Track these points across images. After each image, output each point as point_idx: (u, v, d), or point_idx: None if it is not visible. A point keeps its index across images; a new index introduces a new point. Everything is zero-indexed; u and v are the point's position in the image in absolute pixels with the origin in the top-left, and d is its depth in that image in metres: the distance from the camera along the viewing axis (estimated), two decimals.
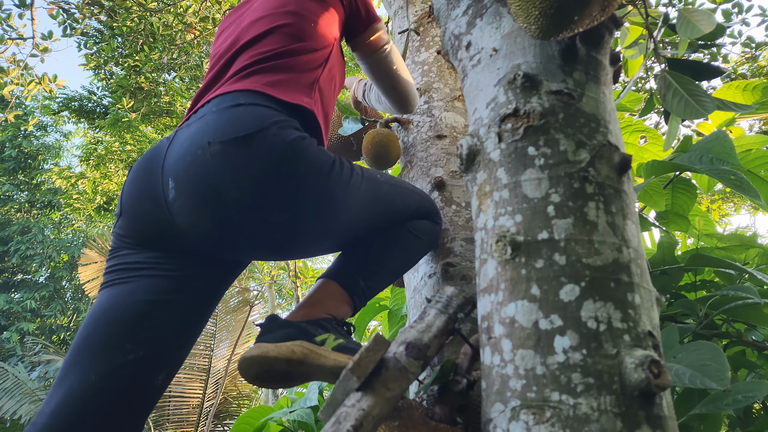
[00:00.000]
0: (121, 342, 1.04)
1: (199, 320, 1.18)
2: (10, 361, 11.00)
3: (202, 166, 1.05)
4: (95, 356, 1.03)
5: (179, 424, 7.47)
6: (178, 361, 1.14)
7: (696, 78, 1.23)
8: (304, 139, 1.12)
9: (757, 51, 6.77)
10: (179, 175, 1.06)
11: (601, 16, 0.82)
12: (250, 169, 1.05)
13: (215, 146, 1.05)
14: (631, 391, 0.71)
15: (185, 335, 1.14)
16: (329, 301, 1.22)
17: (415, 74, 1.88)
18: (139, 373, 1.05)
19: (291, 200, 1.10)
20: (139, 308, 1.07)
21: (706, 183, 1.77)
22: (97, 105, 10.37)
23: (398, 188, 1.31)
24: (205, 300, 1.19)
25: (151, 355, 1.06)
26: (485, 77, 0.96)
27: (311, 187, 1.11)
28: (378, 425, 0.81)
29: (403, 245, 1.30)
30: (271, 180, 1.07)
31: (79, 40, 7.30)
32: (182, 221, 1.08)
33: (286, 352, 1.05)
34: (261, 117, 1.10)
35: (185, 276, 1.14)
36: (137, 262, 1.12)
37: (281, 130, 1.09)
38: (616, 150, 0.86)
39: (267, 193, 1.07)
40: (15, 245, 13.64)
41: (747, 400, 1.04)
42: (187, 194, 1.06)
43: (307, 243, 1.19)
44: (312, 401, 2.12)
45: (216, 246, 1.13)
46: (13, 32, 6.19)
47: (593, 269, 0.77)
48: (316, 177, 1.11)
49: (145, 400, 1.08)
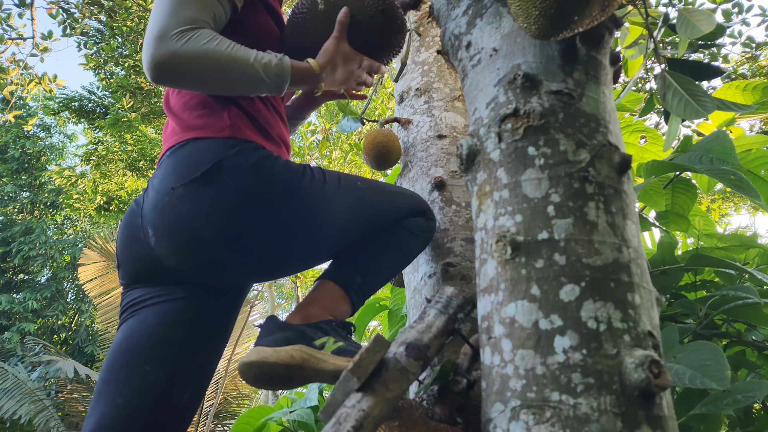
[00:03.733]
0: (141, 365, 1.09)
1: (215, 337, 1.20)
2: (10, 361, 11.00)
3: (173, 210, 1.10)
4: (119, 381, 1.09)
5: None
6: (201, 379, 1.17)
7: (696, 78, 1.23)
8: (267, 159, 1.13)
9: (757, 51, 6.77)
10: (155, 222, 1.12)
11: (601, 16, 0.82)
12: (219, 205, 1.09)
13: (179, 190, 1.10)
14: (631, 391, 0.71)
15: (202, 352, 1.17)
16: (327, 301, 1.21)
17: (415, 74, 1.88)
18: (163, 392, 1.09)
19: (267, 223, 1.11)
20: (152, 332, 1.13)
21: (706, 183, 1.77)
22: (97, 105, 10.38)
23: (384, 192, 1.31)
24: (216, 317, 1.21)
25: (171, 374, 1.10)
26: (485, 77, 0.96)
27: (285, 207, 1.12)
28: (378, 426, 0.81)
29: (399, 242, 1.30)
30: (243, 209, 1.09)
31: (79, 40, 7.30)
32: (169, 262, 1.14)
33: (285, 357, 1.05)
34: (213, 149, 1.13)
35: (190, 297, 1.18)
36: (143, 295, 1.19)
37: (238, 156, 1.11)
38: (616, 150, 0.86)
39: (241, 223, 1.10)
40: (17, 246, 13.64)
41: (747, 400, 1.04)
42: (166, 239, 1.12)
43: (300, 259, 1.21)
44: (312, 401, 2.12)
45: (209, 277, 1.17)
46: (13, 32, 6.19)
47: (593, 269, 0.77)
48: (288, 195, 1.13)
49: (175, 420, 1.11)
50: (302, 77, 1.20)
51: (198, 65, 1.08)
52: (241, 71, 1.11)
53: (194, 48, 1.07)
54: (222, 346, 1.24)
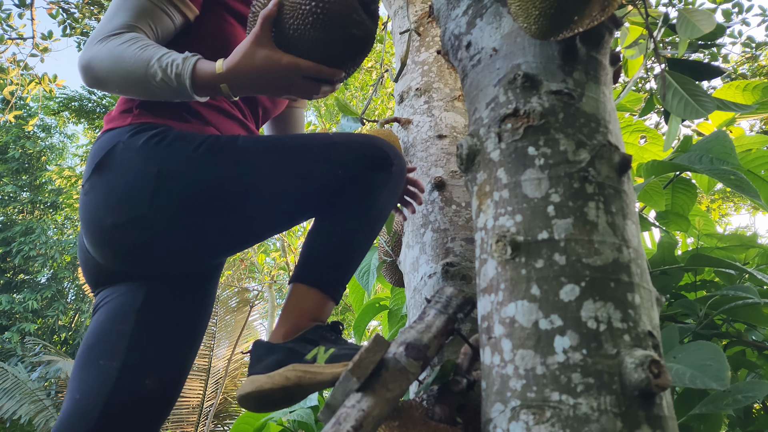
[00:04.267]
0: (96, 361, 1.12)
1: (175, 324, 1.20)
2: (11, 361, 11.00)
3: (84, 208, 1.14)
4: (78, 380, 1.12)
5: (179, 424, 7.47)
6: (168, 365, 1.17)
7: (696, 78, 1.23)
8: (157, 135, 1.10)
9: (757, 51, 6.77)
10: (82, 225, 1.17)
11: (601, 16, 0.82)
12: (112, 191, 1.10)
13: (85, 186, 1.14)
14: (631, 391, 0.71)
15: (160, 339, 1.17)
16: (307, 308, 1.13)
17: (415, 74, 1.88)
18: (119, 380, 1.10)
19: (168, 202, 1.08)
20: (104, 328, 1.16)
21: (706, 183, 1.77)
22: (97, 105, 10.38)
23: (320, 148, 1.15)
24: (171, 305, 1.21)
25: (125, 362, 1.12)
26: (485, 77, 0.96)
27: (181, 181, 1.08)
28: (378, 425, 0.81)
29: (362, 212, 1.16)
30: (135, 191, 1.08)
31: (79, 40, 7.30)
32: (99, 260, 1.17)
33: (280, 381, 1.03)
34: (112, 138, 1.13)
35: (136, 289, 1.19)
36: (102, 297, 1.22)
37: (130, 140, 1.11)
38: (616, 150, 0.86)
39: (138, 205, 1.08)
40: (18, 246, 13.64)
41: (747, 400, 1.04)
42: (86, 237, 1.15)
43: (233, 234, 1.14)
44: (312, 401, 2.12)
45: (134, 267, 1.17)
46: (13, 32, 6.19)
47: (593, 269, 0.77)
48: (181, 169, 1.08)
49: (140, 406, 1.12)
50: (206, 79, 1.05)
51: (108, 66, 1.06)
52: (143, 71, 1.03)
53: (108, 49, 1.06)
54: (192, 332, 1.23)
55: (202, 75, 1.05)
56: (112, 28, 1.09)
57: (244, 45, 1.05)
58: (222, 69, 1.05)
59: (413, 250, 1.55)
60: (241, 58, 1.05)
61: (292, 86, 1.09)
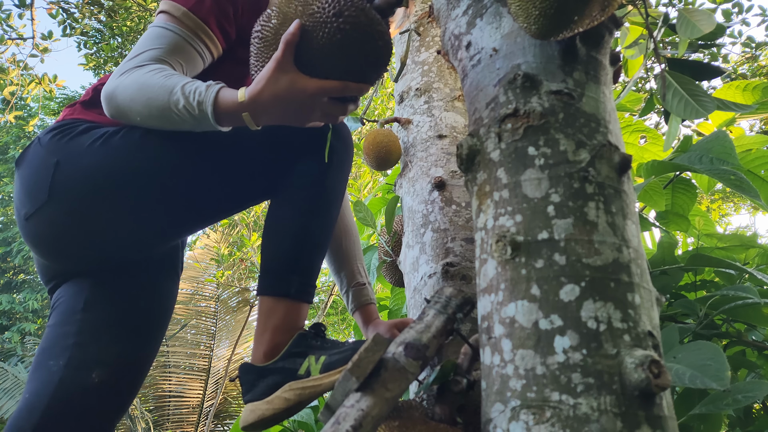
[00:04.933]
0: (46, 362, 1.15)
1: (122, 318, 1.21)
2: (11, 361, 10.99)
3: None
4: (30, 382, 1.14)
5: (179, 424, 7.47)
6: (118, 359, 1.18)
7: (696, 78, 1.23)
8: (64, 127, 1.14)
9: (757, 51, 6.77)
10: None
11: (601, 16, 0.82)
12: (23, 185, 1.15)
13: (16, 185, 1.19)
14: (631, 391, 0.71)
15: (108, 333, 1.18)
16: (281, 321, 1.10)
17: (415, 74, 1.88)
18: (63, 377, 1.12)
19: (71, 189, 1.10)
20: (52, 332, 1.18)
21: (706, 183, 1.77)
22: None
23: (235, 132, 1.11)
24: (116, 299, 1.22)
25: (70, 360, 1.13)
26: (485, 77, 0.96)
27: (80, 168, 1.10)
28: (377, 425, 0.81)
29: (310, 208, 1.13)
30: (39, 182, 1.11)
31: (79, 40, 7.30)
32: (39, 257, 1.21)
33: (280, 404, 1.03)
34: (37, 138, 1.19)
35: (78, 284, 1.21)
36: (55, 301, 1.23)
37: (44, 136, 1.16)
38: (616, 150, 0.86)
39: (42, 197, 1.11)
40: (18, 246, 13.64)
41: (747, 400, 1.04)
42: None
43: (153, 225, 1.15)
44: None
45: (59, 261, 1.20)
46: (13, 32, 6.19)
47: (593, 269, 0.77)
48: (80, 157, 1.10)
49: (87, 399, 1.12)
50: (228, 108, 0.99)
51: (130, 94, 1.03)
52: (165, 98, 1.00)
53: (133, 78, 1.04)
54: (144, 326, 1.24)
55: (224, 104, 0.99)
56: (140, 61, 1.06)
57: (267, 72, 0.97)
58: (245, 97, 0.98)
59: (413, 250, 1.55)
60: (265, 84, 0.97)
61: (317, 111, 1.01)
